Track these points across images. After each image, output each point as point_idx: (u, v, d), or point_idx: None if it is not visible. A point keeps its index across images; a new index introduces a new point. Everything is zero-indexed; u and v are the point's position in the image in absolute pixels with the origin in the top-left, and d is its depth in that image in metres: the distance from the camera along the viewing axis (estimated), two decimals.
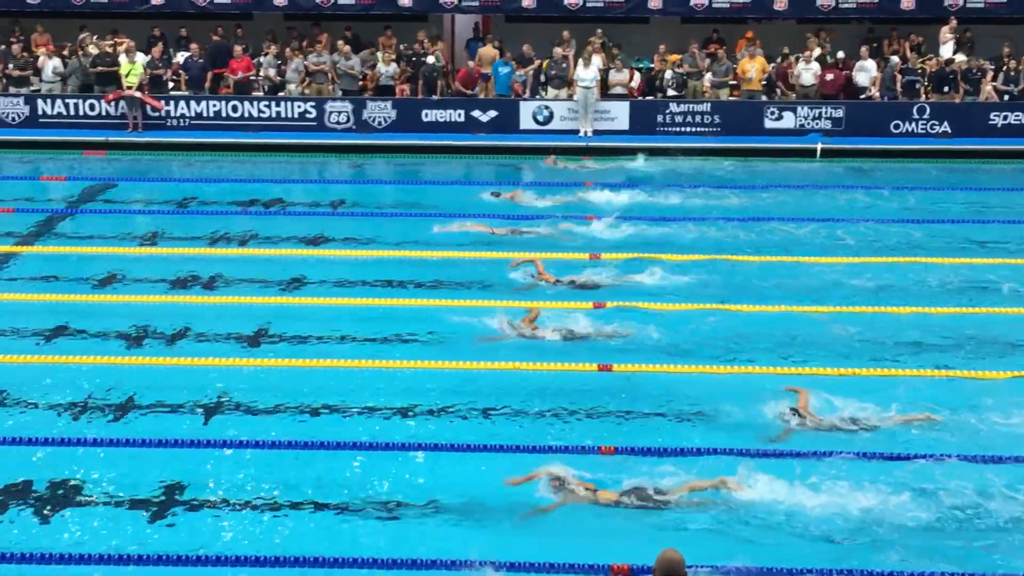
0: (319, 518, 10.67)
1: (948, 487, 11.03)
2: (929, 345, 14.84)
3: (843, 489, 10.90)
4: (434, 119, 27.50)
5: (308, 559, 9.81)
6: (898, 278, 17.49)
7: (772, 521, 10.53)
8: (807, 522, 10.51)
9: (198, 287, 17.02)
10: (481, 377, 13.78)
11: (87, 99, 27.37)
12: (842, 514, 10.60)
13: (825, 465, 11.42)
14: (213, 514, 10.74)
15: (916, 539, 10.30)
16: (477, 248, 18.92)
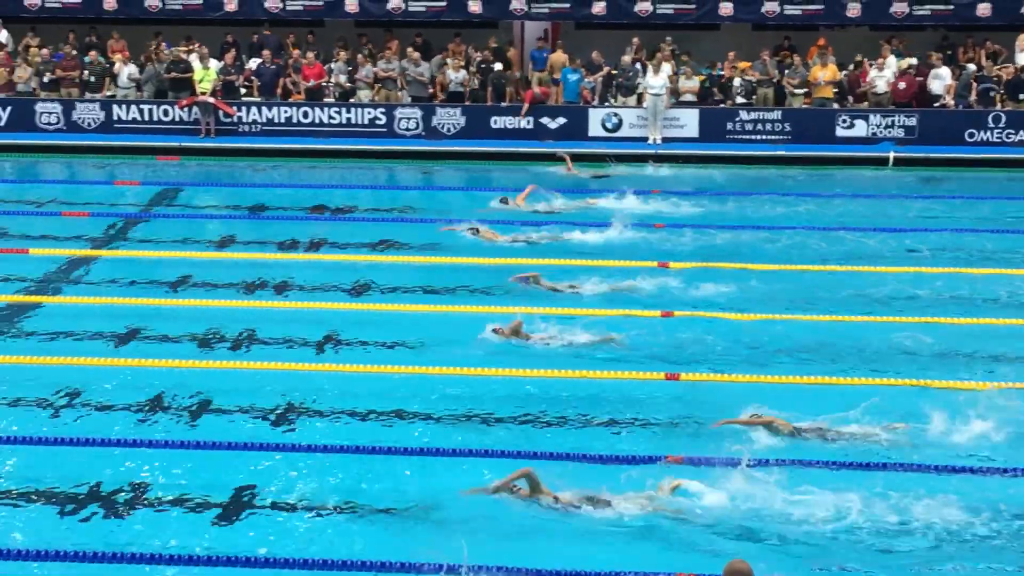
0: (385, 521, 10.70)
1: None
2: (1008, 358, 14.61)
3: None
4: (503, 126, 27.55)
5: (375, 563, 9.85)
6: (971, 289, 17.25)
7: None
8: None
9: (268, 291, 17.16)
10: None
11: (161, 105, 27.74)
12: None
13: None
14: (280, 516, 10.81)
15: None
16: (529, 255, 18.91)
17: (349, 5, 29.19)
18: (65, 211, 21.88)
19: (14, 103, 27.82)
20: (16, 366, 14.29)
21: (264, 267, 18.24)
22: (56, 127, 27.73)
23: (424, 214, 21.68)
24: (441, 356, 14.54)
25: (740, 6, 28.94)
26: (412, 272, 18.06)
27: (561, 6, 29.20)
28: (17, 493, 11.20)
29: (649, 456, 11.78)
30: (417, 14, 29.29)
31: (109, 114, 27.76)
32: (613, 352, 14.73)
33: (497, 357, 14.43)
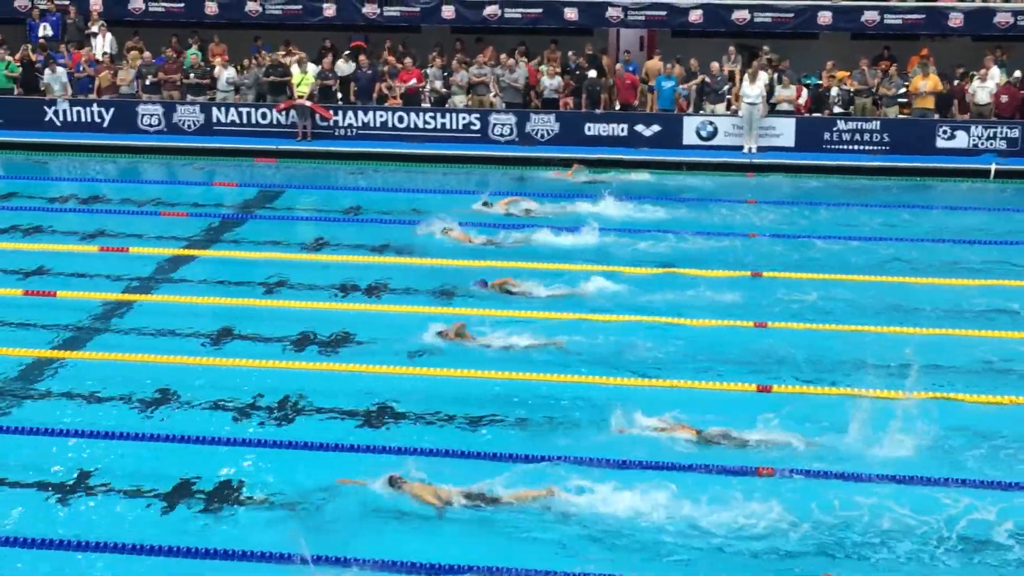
0: (488, 522, 10.74)
1: None
2: None
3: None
4: (597, 133, 27.50)
5: (468, 567, 9.88)
6: None
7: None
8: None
9: (359, 294, 17.28)
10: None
11: (259, 108, 28.11)
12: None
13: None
14: (366, 517, 10.88)
15: None
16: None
17: (446, 11, 29.36)
18: (164, 211, 22.26)
19: (117, 105, 28.37)
20: (113, 363, 14.57)
21: (357, 270, 18.35)
22: (157, 129, 28.23)
23: (514, 219, 21.67)
24: (527, 360, 14.56)
25: (839, 15, 28.60)
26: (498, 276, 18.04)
27: (657, 14, 29.08)
28: (112, 488, 11.42)
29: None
30: (513, 21, 29.36)
31: (209, 117, 28.20)
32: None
33: None
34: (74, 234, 20.42)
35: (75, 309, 16.48)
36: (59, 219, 21.57)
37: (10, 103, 28.59)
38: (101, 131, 28.21)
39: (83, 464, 11.87)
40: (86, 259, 18.96)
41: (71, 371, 14.42)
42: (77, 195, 23.83)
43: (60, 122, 28.38)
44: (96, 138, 27.93)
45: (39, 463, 11.85)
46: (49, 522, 10.77)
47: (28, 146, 27.63)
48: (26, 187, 24.26)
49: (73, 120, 28.37)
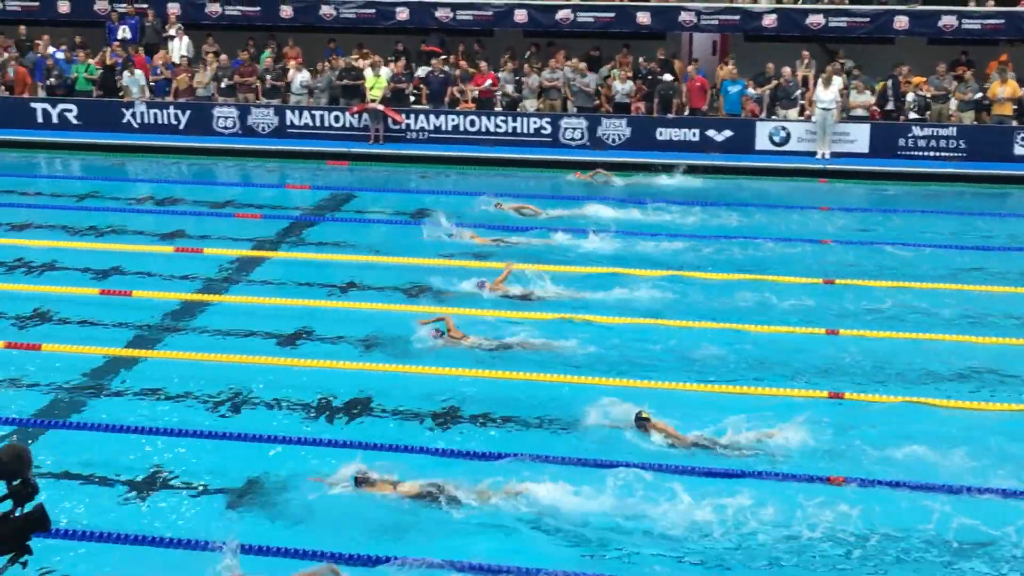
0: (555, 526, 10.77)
1: None
2: None
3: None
4: (668, 137, 27.39)
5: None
6: None
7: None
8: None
9: (429, 297, 17.33)
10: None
11: (332, 111, 28.33)
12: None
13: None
14: (439, 514, 10.93)
15: None
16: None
17: (518, 15, 29.41)
18: (238, 212, 22.51)
19: (193, 107, 28.74)
20: (187, 362, 14.75)
21: (426, 272, 18.41)
22: (232, 131, 28.56)
23: (587, 223, 21.64)
24: (609, 365, 14.56)
25: (916, 20, 28.26)
26: (569, 280, 18.02)
27: (731, 18, 28.92)
28: (180, 485, 11.56)
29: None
30: (586, 25, 29.33)
31: (283, 119, 28.47)
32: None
33: None
34: (150, 235, 20.73)
35: (149, 308, 16.72)
36: (135, 220, 21.90)
37: (89, 105, 29.08)
38: (177, 133, 28.61)
39: (152, 461, 12.02)
40: (161, 259, 19.22)
41: (145, 369, 14.62)
42: (153, 196, 24.19)
43: (137, 124, 28.80)
44: (172, 140, 28.33)
45: (111, 459, 12.03)
46: (117, 517, 10.91)
47: (106, 147, 28.08)
48: (104, 188, 24.66)
49: (150, 122, 28.79)
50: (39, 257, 19.18)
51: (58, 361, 14.65)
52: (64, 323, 16.21)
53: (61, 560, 9.90)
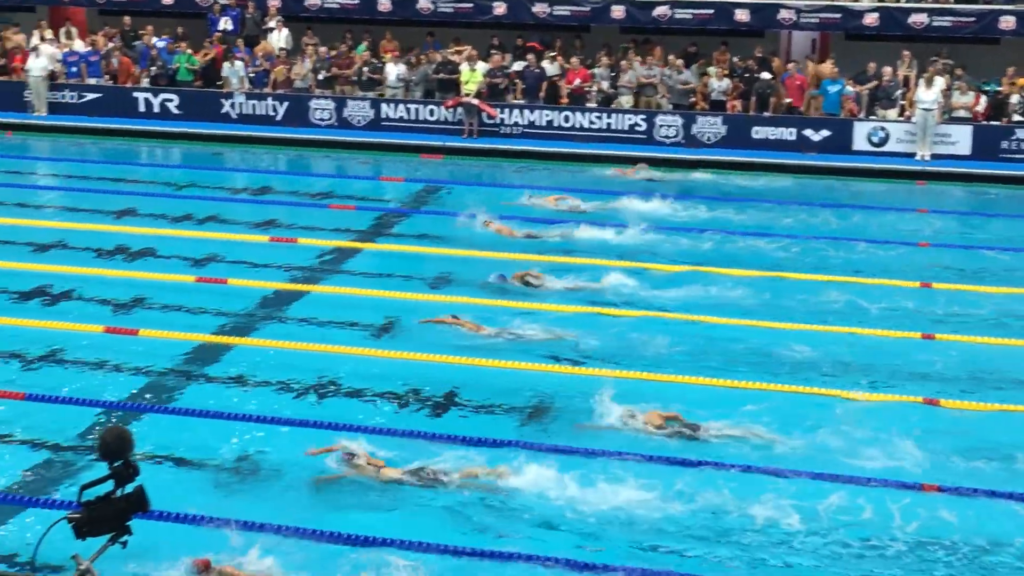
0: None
1: None
2: None
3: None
4: (764, 136, 27.12)
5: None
6: None
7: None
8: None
9: (519, 293, 17.33)
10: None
11: (427, 104, 28.46)
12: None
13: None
14: (509, 514, 10.93)
15: None
16: None
17: (615, 11, 29.30)
18: (333, 203, 22.70)
19: (291, 99, 29.06)
20: (279, 351, 14.91)
21: (519, 267, 18.39)
22: (328, 123, 28.82)
23: (686, 222, 21.54)
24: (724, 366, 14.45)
25: (1023, 20, 27.64)
26: (659, 279, 17.94)
27: (831, 16, 28.53)
28: (269, 470, 11.68)
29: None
30: (683, 21, 29.14)
31: (378, 112, 28.66)
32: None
33: None
34: (245, 224, 20.99)
35: (244, 297, 16.93)
36: (232, 208, 22.19)
37: (190, 95, 29.53)
38: (274, 124, 28.93)
39: (241, 447, 12.17)
40: (256, 248, 19.45)
41: (238, 356, 14.81)
42: (249, 186, 24.50)
43: (236, 114, 29.19)
44: (269, 131, 28.65)
45: (202, 444, 12.21)
46: (208, 500, 11.06)
47: (205, 137, 28.49)
48: (202, 177, 25.04)
49: (248, 113, 29.15)
50: (138, 244, 19.51)
51: (154, 346, 14.90)
52: (161, 309, 16.48)
53: (155, 541, 10.05)
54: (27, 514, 10.47)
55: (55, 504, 10.58)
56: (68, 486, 11.13)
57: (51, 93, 29.62)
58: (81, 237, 19.87)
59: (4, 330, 15.40)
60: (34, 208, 22.05)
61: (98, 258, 18.83)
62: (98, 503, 5.05)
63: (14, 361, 14.43)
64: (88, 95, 29.67)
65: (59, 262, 18.45)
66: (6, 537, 10.09)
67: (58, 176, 25.85)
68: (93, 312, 16.26)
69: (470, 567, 10.00)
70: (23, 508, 10.71)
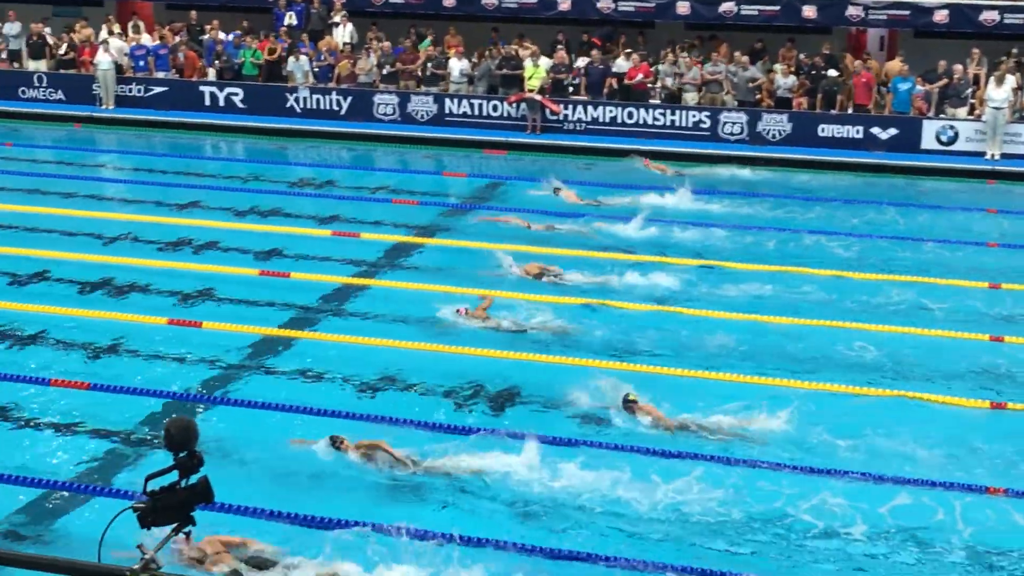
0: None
1: None
2: None
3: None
4: (831, 134, 26.83)
5: None
6: None
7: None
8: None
9: (576, 290, 17.26)
10: None
11: (491, 100, 28.46)
12: None
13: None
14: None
15: None
16: None
17: (680, 7, 29.12)
18: (395, 198, 22.75)
19: (355, 93, 29.16)
20: (341, 344, 14.95)
21: (581, 264, 18.36)
22: (391, 118, 28.90)
23: (754, 222, 21.38)
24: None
25: None
26: (729, 276, 17.79)
27: (900, 13, 28.17)
28: (324, 465, 11.70)
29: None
30: (749, 18, 28.91)
31: (441, 107, 28.70)
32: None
33: None
34: (309, 218, 21.09)
35: (306, 290, 17.01)
36: (295, 202, 22.30)
37: (255, 89, 29.73)
38: (338, 119, 29.06)
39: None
40: (319, 242, 19.52)
41: (300, 350, 14.87)
42: (313, 180, 24.60)
43: (300, 109, 29.35)
44: (333, 125, 28.78)
45: (263, 437, 12.27)
46: (269, 492, 11.11)
47: (270, 131, 28.68)
48: (266, 171, 25.17)
49: (312, 107, 29.31)
50: (203, 236, 19.66)
51: (217, 339, 15.00)
52: (224, 302, 16.58)
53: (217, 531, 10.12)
54: (93, 503, 10.56)
55: (120, 494, 10.68)
56: (133, 476, 11.23)
57: (119, 86, 29.95)
58: (146, 229, 20.07)
59: (70, 321, 15.58)
60: (101, 200, 22.32)
61: (163, 250, 19.01)
62: (162, 493, 5.07)
63: (80, 351, 14.59)
64: (155, 89, 29.97)
65: (125, 254, 18.65)
66: (72, 526, 10.17)
67: (124, 169, 26.15)
68: (157, 304, 16.41)
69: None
70: (89, 497, 10.81)
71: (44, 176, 23.90)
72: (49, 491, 10.88)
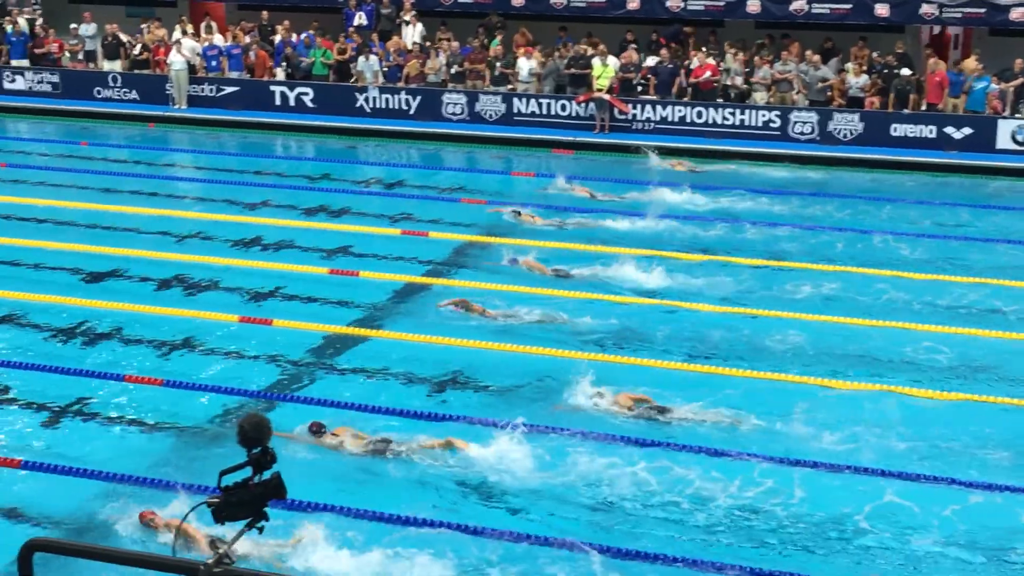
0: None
1: None
2: None
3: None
4: (903, 134, 26.48)
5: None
6: None
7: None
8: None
9: (645, 290, 17.18)
10: None
11: (559, 99, 28.42)
12: None
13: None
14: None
15: None
16: None
17: (751, 5, 28.89)
18: (464, 197, 22.78)
19: (424, 93, 29.26)
20: (407, 343, 14.99)
21: (657, 264, 18.28)
22: (460, 117, 28.96)
23: (830, 221, 21.20)
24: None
25: None
26: (805, 277, 17.64)
27: (975, 11, 27.72)
28: (392, 463, 11.74)
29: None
30: (820, 16, 28.61)
31: (510, 107, 28.71)
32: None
33: None
34: (378, 216, 21.18)
35: (375, 289, 17.08)
36: (365, 201, 22.40)
37: (325, 89, 29.92)
38: (407, 118, 29.17)
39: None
40: (388, 241, 19.59)
41: (368, 348, 14.94)
42: (382, 179, 24.70)
43: (370, 108, 29.50)
44: (402, 125, 28.89)
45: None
46: (335, 488, 11.21)
47: (339, 131, 28.85)
48: (336, 170, 25.32)
49: (381, 107, 29.45)
50: (273, 235, 19.83)
51: (287, 336, 15.11)
52: (294, 300, 16.70)
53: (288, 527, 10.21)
54: (168, 498, 10.66)
55: (194, 489, 10.79)
56: (206, 471, 11.33)
57: (191, 86, 30.28)
58: (217, 228, 20.29)
59: (143, 318, 15.78)
60: (173, 199, 22.56)
61: (234, 248, 19.19)
62: (236, 489, 5.12)
63: (153, 348, 14.77)
64: (226, 88, 30.26)
65: (196, 252, 18.86)
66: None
67: (196, 168, 26.42)
68: (228, 301, 16.58)
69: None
70: (164, 492, 10.92)
71: (118, 175, 24.26)
72: (124, 485, 11.01)
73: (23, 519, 10.58)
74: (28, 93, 31.53)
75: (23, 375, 13.81)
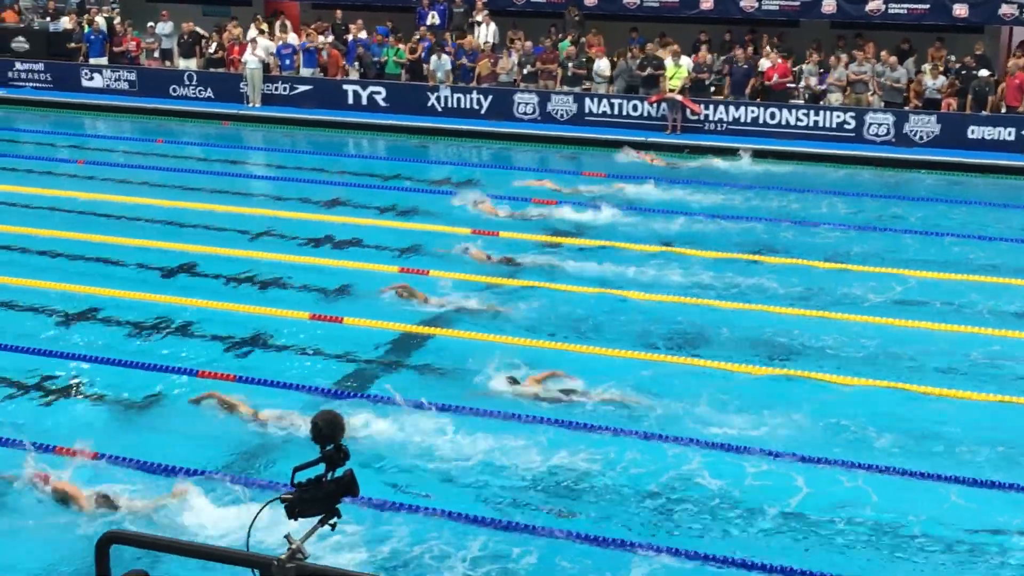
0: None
1: None
2: None
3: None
4: (980, 136, 26.09)
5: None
6: None
7: None
8: None
9: (712, 291, 17.07)
10: None
11: (631, 100, 28.33)
12: None
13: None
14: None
15: None
16: None
17: (826, 5, 28.63)
18: (534, 198, 22.69)
19: (495, 93, 29.30)
20: (477, 342, 15.01)
21: (723, 265, 18.16)
22: (531, 117, 28.97)
23: (897, 223, 20.97)
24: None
25: None
26: (868, 280, 17.44)
27: None
28: (454, 464, 11.76)
29: None
30: (897, 16, 28.29)
31: (581, 107, 28.67)
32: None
33: None
34: (448, 216, 21.19)
35: (445, 287, 17.07)
36: (435, 201, 22.43)
37: (398, 88, 30.07)
38: (479, 117, 29.23)
39: (437, 436, 12.26)
40: (456, 241, 19.55)
41: (436, 347, 14.97)
42: (453, 178, 24.73)
43: (441, 107, 29.60)
44: (474, 124, 28.95)
45: (393, 433, 12.34)
46: (389, 486, 11.27)
47: (411, 130, 28.97)
48: (407, 169, 25.41)
49: (453, 106, 29.53)
50: (344, 233, 19.94)
51: (357, 335, 15.18)
52: (365, 297, 16.77)
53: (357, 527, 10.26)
54: (240, 493, 10.75)
55: (268, 485, 10.87)
56: (280, 467, 11.44)
57: (265, 85, 30.56)
58: (289, 225, 20.44)
59: (215, 314, 15.93)
60: (246, 196, 22.78)
61: (305, 246, 19.31)
62: (310, 485, 5.14)
63: (224, 344, 14.90)
64: (299, 87, 30.52)
65: (269, 249, 19.01)
66: (222, 516, 10.36)
67: (270, 166, 26.65)
68: (299, 299, 16.68)
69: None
70: (236, 487, 10.99)
71: (193, 172, 24.54)
72: (198, 480, 11.10)
73: (97, 513, 10.68)
74: (106, 91, 32.02)
75: (100, 369, 13.98)
